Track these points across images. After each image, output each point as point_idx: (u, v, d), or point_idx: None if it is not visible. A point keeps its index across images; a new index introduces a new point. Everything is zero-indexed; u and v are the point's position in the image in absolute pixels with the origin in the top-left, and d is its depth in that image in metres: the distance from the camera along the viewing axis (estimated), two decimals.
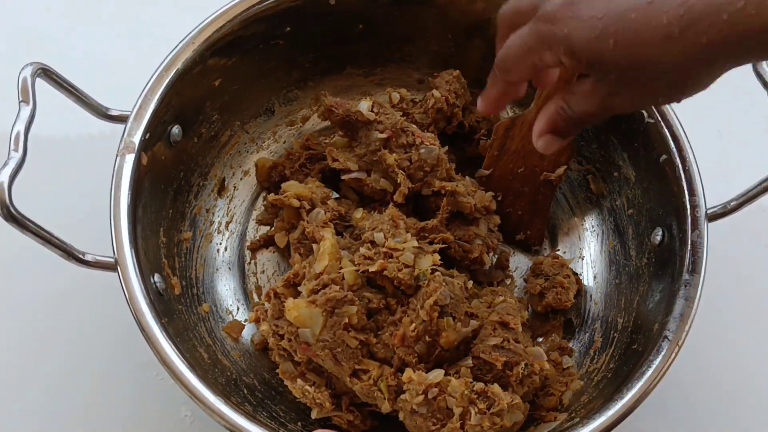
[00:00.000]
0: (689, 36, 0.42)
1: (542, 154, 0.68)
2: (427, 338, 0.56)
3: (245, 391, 0.59)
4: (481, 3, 0.68)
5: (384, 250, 0.57)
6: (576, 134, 0.53)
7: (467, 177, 0.68)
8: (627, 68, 0.45)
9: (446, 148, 0.67)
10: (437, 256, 0.58)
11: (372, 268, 0.56)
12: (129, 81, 0.63)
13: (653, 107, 0.61)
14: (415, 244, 0.58)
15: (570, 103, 0.50)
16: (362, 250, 0.58)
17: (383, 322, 0.57)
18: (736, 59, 0.44)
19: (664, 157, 0.61)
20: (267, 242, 0.70)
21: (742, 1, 0.41)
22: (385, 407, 0.56)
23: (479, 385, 0.54)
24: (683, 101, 0.48)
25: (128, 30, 0.81)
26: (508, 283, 0.69)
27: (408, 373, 0.54)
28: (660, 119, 0.62)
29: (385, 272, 0.56)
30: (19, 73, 0.54)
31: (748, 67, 0.60)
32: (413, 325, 0.55)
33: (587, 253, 0.70)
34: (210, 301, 0.65)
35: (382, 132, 0.65)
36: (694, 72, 0.45)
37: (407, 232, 0.60)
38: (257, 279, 0.69)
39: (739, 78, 0.61)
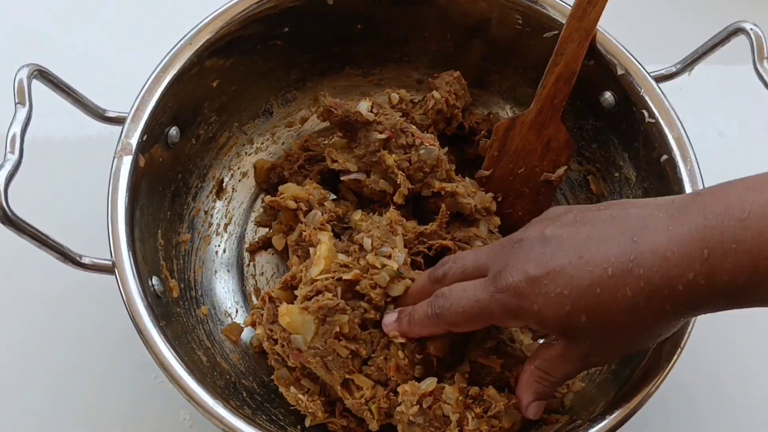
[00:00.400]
0: (654, 304, 0.45)
1: (542, 154, 0.68)
2: (417, 356, 0.55)
3: (244, 394, 0.59)
4: (483, 3, 0.68)
5: (362, 262, 0.56)
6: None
7: (467, 178, 0.68)
8: (600, 334, 0.47)
9: (446, 149, 0.67)
10: (410, 282, 0.57)
11: (346, 276, 0.55)
12: (126, 82, 0.63)
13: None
14: (400, 262, 0.57)
15: (549, 372, 0.51)
16: (341, 256, 0.57)
17: (376, 345, 0.56)
18: (700, 312, 0.46)
19: (665, 157, 0.61)
20: (266, 244, 0.69)
21: (691, 273, 0.43)
22: (373, 426, 0.55)
23: (474, 389, 0.53)
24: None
25: (125, 31, 0.81)
26: None
27: (402, 387, 0.54)
28: (660, 119, 0.61)
29: (357, 287, 0.55)
30: (15, 75, 0.54)
31: (748, 66, 0.60)
32: (401, 353, 0.55)
33: None
34: (209, 304, 0.65)
35: (381, 133, 0.65)
36: (663, 331, 0.48)
37: (405, 237, 0.60)
38: (256, 281, 0.69)
39: (739, 78, 0.61)
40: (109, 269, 0.54)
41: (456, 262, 0.54)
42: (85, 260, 0.54)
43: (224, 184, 0.70)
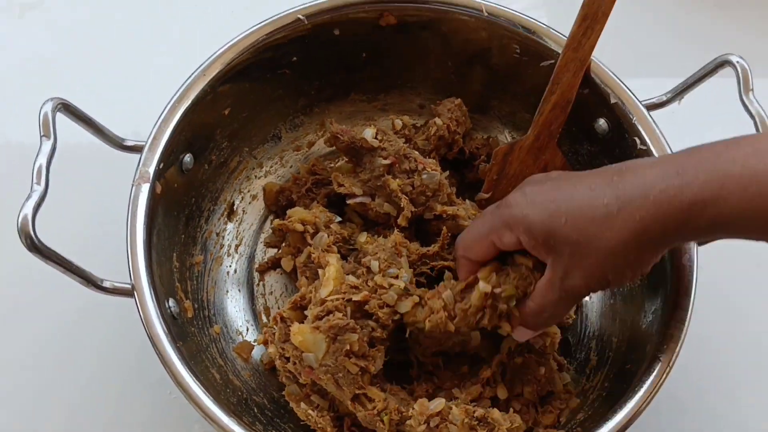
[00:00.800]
0: (625, 213, 0.49)
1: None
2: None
3: (255, 410, 0.61)
4: (484, 32, 0.70)
5: (371, 284, 0.60)
6: (550, 326, 0.60)
7: (467, 200, 0.71)
8: (576, 242, 0.51)
9: (447, 173, 0.69)
10: (417, 299, 0.60)
11: (356, 298, 0.58)
12: (143, 111, 0.66)
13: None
14: (407, 281, 0.60)
15: (534, 300, 0.56)
16: (350, 278, 0.60)
17: None
18: (670, 237, 0.50)
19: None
20: (275, 264, 0.72)
21: (663, 184, 0.48)
22: None
23: (479, 412, 0.56)
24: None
25: (142, 61, 0.84)
26: None
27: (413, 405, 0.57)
28: (651, 146, 0.64)
29: (366, 306, 0.58)
30: (41, 109, 0.56)
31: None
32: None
33: None
34: (221, 323, 0.68)
35: (385, 158, 0.67)
36: (634, 251, 0.51)
37: (408, 258, 0.63)
38: (265, 300, 0.72)
39: (731, 104, 0.63)
40: (128, 292, 0.57)
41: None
42: (106, 284, 0.56)
43: (235, 207, 0.73)
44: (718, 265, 0.70)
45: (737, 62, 0.62)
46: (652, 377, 0.56)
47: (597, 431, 0.54)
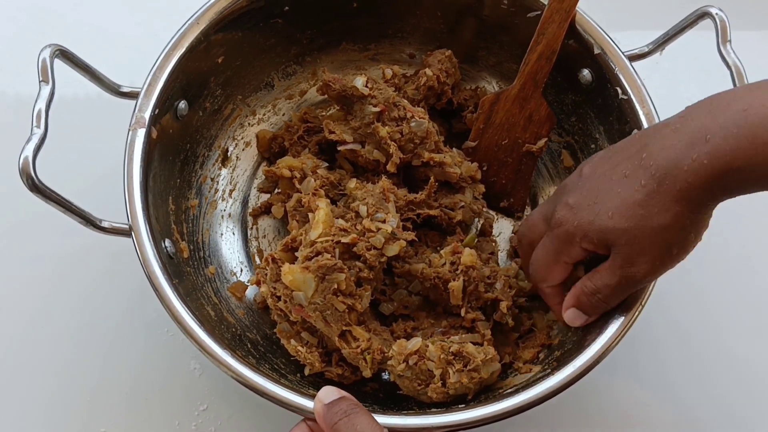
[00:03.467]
0: (665, 188, 0.51)
1: (525, 126, 0.73)
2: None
3: (249, 346, 0.64)
4: None
5: (360, 227, 0.62)
6: (600, 313, 0.60)
7: (454, 149, 0.73)
8: (628, 229, 0.53)
9: (436, 122, 0.71)
10: (404, 243, 0.63)
11: (344, 240, 0.60)
12: (138, 58, 0.68)
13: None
14: (394, 226, 0.62)
15: (592, 280, 0.57)
16: (339, 221, 0.62)
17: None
18: (717, 195, 0.51)
19: (636, 131, 0.65)
20: (267, 209, 0.74)
21: (695, 154, 0.49)
22: (367, 373, 0.61)
23: (454, 347, 0.59)
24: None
25: (137, 9, 0.85)
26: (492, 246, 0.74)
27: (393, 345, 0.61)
28: (632, 96, 0.66)
29: (354, 249, 0.61)
30: (39, 55, 0.58)
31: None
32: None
33: None
34: (216, 264, 0.70)
35: (375, 106, 0.69)
36: (687, 216, 0.52)
37: (396, 204, 0.65)
38: (259, 243, 0.74)
39: (712, 54, 0.65)
40: (126, 232, 0.59)
41: (526, 227, 0.64)
42: (105, 224, 0.59)
43: (229, 153, 0.75)
44: None
45: (716, 14, 0.63)
46: (624, 316, 0.58)
47: (571, 364, 0.57)
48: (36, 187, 0.54)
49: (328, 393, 0.52)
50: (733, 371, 0.73)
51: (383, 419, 0.55)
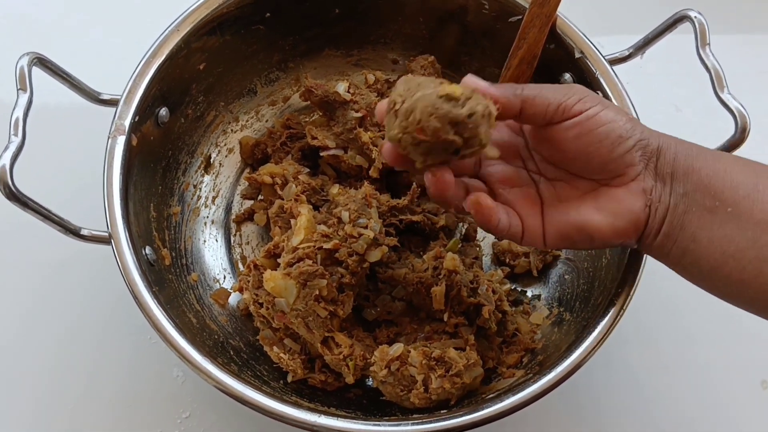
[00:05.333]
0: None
1: None
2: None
3: (231, 353, 0.64)
4: None
5: (342, 233, 0.62)
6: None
7: None
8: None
9: None
10: (386, 249, 0.63)
11: (326, 246, 0.60)
12: (118, 65, 0.67)
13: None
14: (376, 231, 0.62)
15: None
16: (321, 227, 0.62)
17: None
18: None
19: None
20: (251, 215, 0.74)
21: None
22: (349, 379, 0.61)
23: (436, 352, 0.59)
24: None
25: (117, 16, 0.85)
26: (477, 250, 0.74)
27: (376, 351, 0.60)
28: (613, 99, 0.66)
29: (336, 254, 0.61)
30: (17, 63, 0.58)
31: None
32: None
33: None
34: (198, 271, 0.70)
35: (357, 111, 0.69)
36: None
37: (379, 209, 0.65)
38: (242, 249, 0.74)
39: (693, 59, 0.65)
40: (105, 240, 0.59)
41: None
42: (84, 232, 0.59)
43: (212, 160, 0.75)
44: None
45: (695, 17, 0.63)
46: (605, 321, 0.58)
47: (552, 369, 0.57)
48: (13, 195, 0.54)
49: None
50: (730, 371, 0.74)
51: (365, 426, 0.54)
